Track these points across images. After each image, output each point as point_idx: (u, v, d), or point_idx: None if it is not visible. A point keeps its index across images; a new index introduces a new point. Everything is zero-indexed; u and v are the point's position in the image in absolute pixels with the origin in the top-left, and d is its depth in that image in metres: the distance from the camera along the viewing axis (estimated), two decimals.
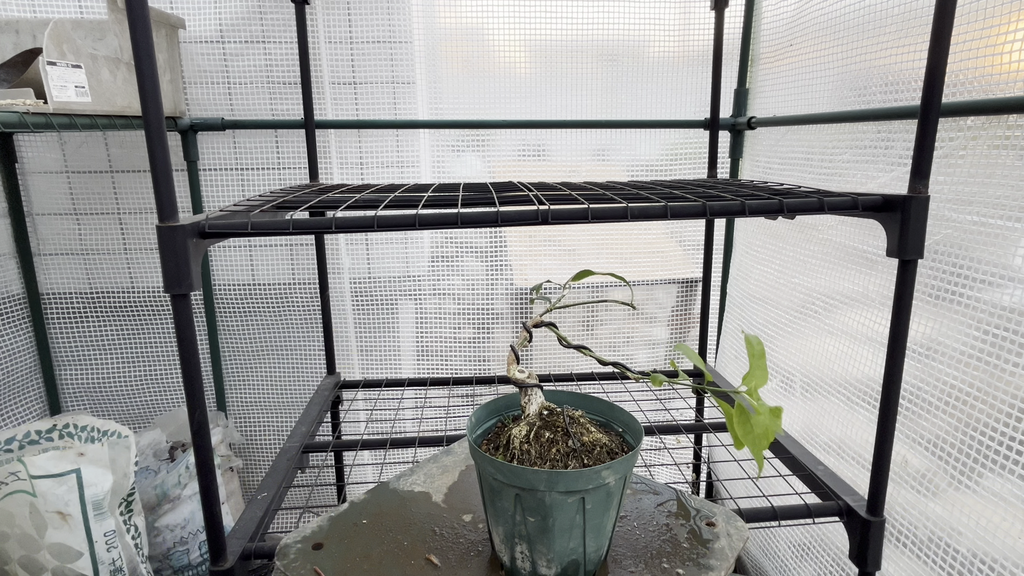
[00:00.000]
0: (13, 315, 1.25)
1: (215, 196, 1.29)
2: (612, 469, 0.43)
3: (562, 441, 0.47)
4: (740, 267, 1.33)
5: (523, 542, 0.45)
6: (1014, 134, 0.68)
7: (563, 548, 0.44)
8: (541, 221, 0.61)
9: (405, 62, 1.24)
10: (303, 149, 1.26)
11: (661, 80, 1.29)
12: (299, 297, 1.35)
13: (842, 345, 0.96)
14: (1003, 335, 0.68)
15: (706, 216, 0.64)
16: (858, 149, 0.93)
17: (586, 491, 0.43)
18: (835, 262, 0.98)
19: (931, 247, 0.77)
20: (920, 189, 0.62)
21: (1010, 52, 0.67)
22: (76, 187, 1.26)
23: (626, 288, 1.42)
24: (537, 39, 1.25)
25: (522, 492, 0.43)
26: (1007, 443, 0.68)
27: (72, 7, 1.16)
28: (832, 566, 0.98)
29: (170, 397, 1.39)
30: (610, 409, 0.53)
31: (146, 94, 0.56)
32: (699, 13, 1.25)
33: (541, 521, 0.43)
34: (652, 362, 1.47)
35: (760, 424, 0.39)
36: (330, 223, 0.61)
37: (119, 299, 1.32)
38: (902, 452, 0.82)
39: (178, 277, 0.58)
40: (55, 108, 0.83)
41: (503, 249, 1.36)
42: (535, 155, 1.33)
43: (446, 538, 0.53)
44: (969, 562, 0.73)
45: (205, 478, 0.64)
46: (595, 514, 0.44)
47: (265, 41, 1.22)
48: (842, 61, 0.96)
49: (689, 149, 1.34)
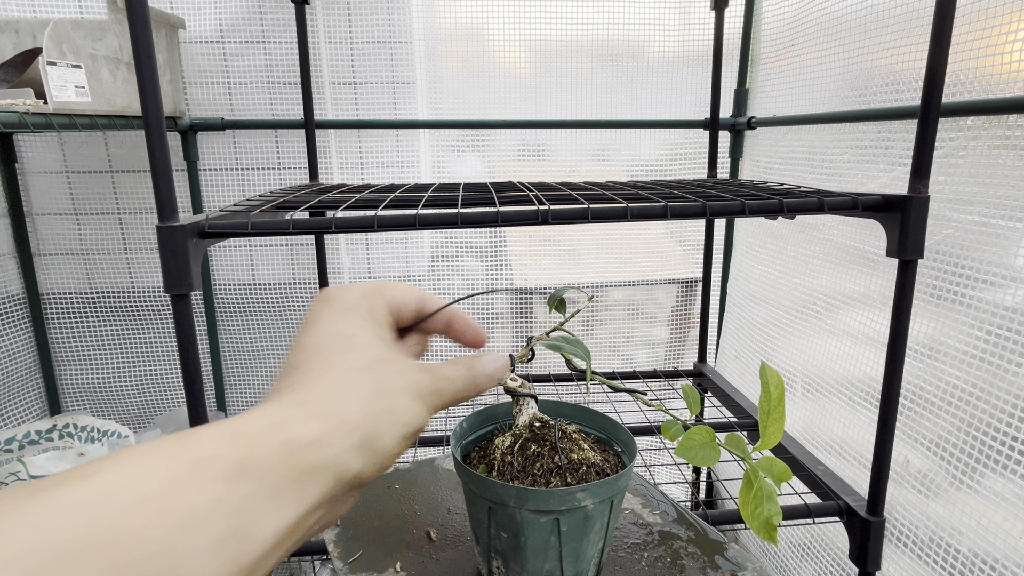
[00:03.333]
0: (13, 315, 1.25)
1: (215, 196, 1.28)
2: (589, 492, 0.40)
3: (549, 456, 0.44)
4: (740, 267, 1.33)
5: (498, 557, 0.44)
6: (1014, 134, 0.68)
7: (537, 569, 0.42)
8: (541, 221, 0.61)
9: (405, 62, 1.24)
10: (303, 149, 1.26)
11: (661, 80, 1.29)
12: (299, 297, 1.35)
13: (843, 345, 0.96)
14: (1004, 335, 0.68)
15: (706, 216, 0.64)
16: (858, 149, 0.93)
17: (560, 512, 0.40)
18: (835, 262, 0.98)
19: (932, 247, 0.77)
20: (920, 189, 0.62)
21: (1010, 52, 0.67)
22: (76, 187, 1.26)
23: (626, 288, 1.42)
24: (537, 39, 1.25)
25: (494, 506, 0.42)
26: (1008, 443, 0.67)
27: (72, 7, 1.16)
28: (832, 566, 0.98)
29: (170, 397, 1.39)
30: (612, 427, 0.50)
31: (146, 94, 0.56)
32: (699, 13, 1.25)
33: (513, 538, 0.42)
34: (652, 362, 1.47)
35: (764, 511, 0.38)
36: (330, 223, 0.61)
37: (119, 299, 1.32)
38: (903, 452, 0.82)
39: (178, 277, 0.57)
40: (55, 108, 0.83)
41: (503, 249, 1.36)
42: (535, 155, 1.32)
43: (453, 518, 0.55)
44: (970, 562, 0.73)
45: None
46: (572, 537, 0.42)
47: (265, 41, 1.22)
48: (843, 61, 0.96)
49: (689, 149, 1.34)
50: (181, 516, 0.20)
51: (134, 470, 0.20)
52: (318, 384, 0.28)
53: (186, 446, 0.22)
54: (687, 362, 1.48)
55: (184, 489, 0.21)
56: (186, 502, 0.20)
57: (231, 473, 0.22)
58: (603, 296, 1.42)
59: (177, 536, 0.20)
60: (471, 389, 0.34)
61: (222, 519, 0.21)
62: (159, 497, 0.20)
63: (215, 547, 0.21)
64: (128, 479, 0.20)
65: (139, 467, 0.21)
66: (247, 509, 0.22)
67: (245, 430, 0.24)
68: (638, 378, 1.31)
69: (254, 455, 0.23)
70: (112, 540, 0.18)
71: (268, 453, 0.23)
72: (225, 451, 0.23)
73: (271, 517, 0.23)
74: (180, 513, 0.20)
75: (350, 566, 0.49)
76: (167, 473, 0.21)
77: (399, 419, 0.29)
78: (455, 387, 0.33)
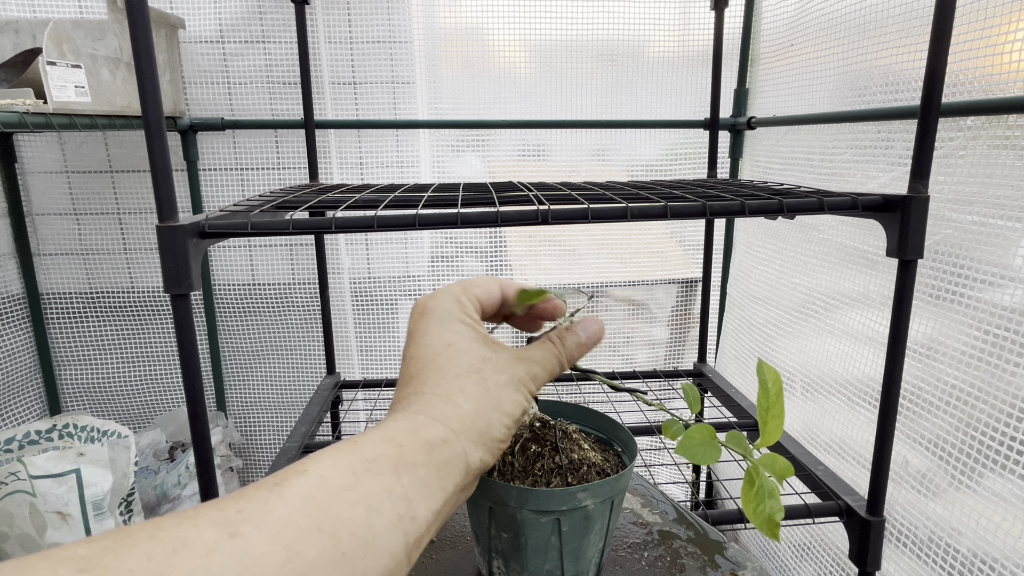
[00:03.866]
0: (13, 315, 1.25)
1: (215, 196, 1.29)
2: (590, 492, 0.40)
3: (549, 456, 0.44)
4: (740, 267, 1.33)
5: (499, 557, 0.44)
6: (1014, 134, 0.68)
7: (538, 569, 0.42)
8: (541, 221, 0.61)
9: (405, 62, 1.24)
10: (303, 149, 1.26)
11: (661, 80, 1.29)
12: (299, 297, 1.35)
13: (842, 345, 0.96)
14: (1003, 335, 0.68)
15: (706, 216, 0.64)
16: (858, 149, 0.93)
17: (561, 512, 0.40)
18: (835, 262, 0.98)
19: (931, 247, 0.77)
20: (920, 189, 0.62)
21: (1010, 52, 0.67)
22: (76, 187, 1.26)
23: (626, 288, 1.42)
24: (537, 39, 1.25)
25: (495, 506, 0.42)
26: (1007, 443, 0.68)
27: (72, 7, 1.16)
28: (832, 566, 0.98)
29: (170, 397, 1.39)
30: (612, 427, 0.50)
31: (146, 94, 0.56)
32: (699, 13, 1.25)
33: (514, 538, 0.42)
34: (652, 362, 1.47)
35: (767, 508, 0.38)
36: (330, 223, 0.61)
37: (119, 299, 1.32)
38: (902, 452, 0.82)
39: (178, 277, 0.58)
40: (55, 108, 0.83)
41: (503, 249, 1.36)
42: (535, 155, 1.33)
43: (452, 518, 0.55)
44: (969, 562, 0.73)
45: (205, 478, 0.64)
46: (572, 537, 0.42)
47: (265, 41, 1.22)
48: (842, 61, 0.96)
49: (689, 149, 1.34)
50: (368, 499, 0.26)
51: (331, 469, 0.27)
52: (434, 393, 0.34)
53: (359, 448, 0.29)
54: (687, 362, 1.48)
55: (367, 481, 0.27)
56: (370, 490, 0.27)
57: (393, 468, 0.28)
58: (603, 296, 1.42)
59: (371, 515, 0.26)
60: (560, 367, 0.39)
61: (395, 502, 0.27)
62: (352, 488, 0.26)
63: (394, 524, 0.27)
64: (330, 474, 0.27)
65: (333, 466, 0.27)
66: (409, 496, 0.28)
67: (395, 435, 0.30)
68: (638, 378, 1.31)
69: (405, 454, 0.29)
70: (333, 515, 0.25)
71: (415, 452, 0.30)
72: (384, 452, 0.29)
73: (425, 502, 0.29)
74: (367, 497, 0.26)
75: None
76: (353, 469, 0.27)
77: (505, 410, 0.35)
78: (548, 369, 0.38)
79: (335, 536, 0.24)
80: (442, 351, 0.36)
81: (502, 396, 0.35)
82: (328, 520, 0.25)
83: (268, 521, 0.23)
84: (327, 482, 0.26)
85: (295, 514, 0.24)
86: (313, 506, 0.25)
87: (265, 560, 0.22)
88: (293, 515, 0.24)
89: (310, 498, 0.25)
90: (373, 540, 0.26)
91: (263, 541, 0.23)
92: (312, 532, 0.24)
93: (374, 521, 0.26)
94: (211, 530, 0.22)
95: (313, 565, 0.23)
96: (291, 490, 0.25)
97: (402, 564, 0.27)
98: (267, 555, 0.22)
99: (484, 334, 0.38)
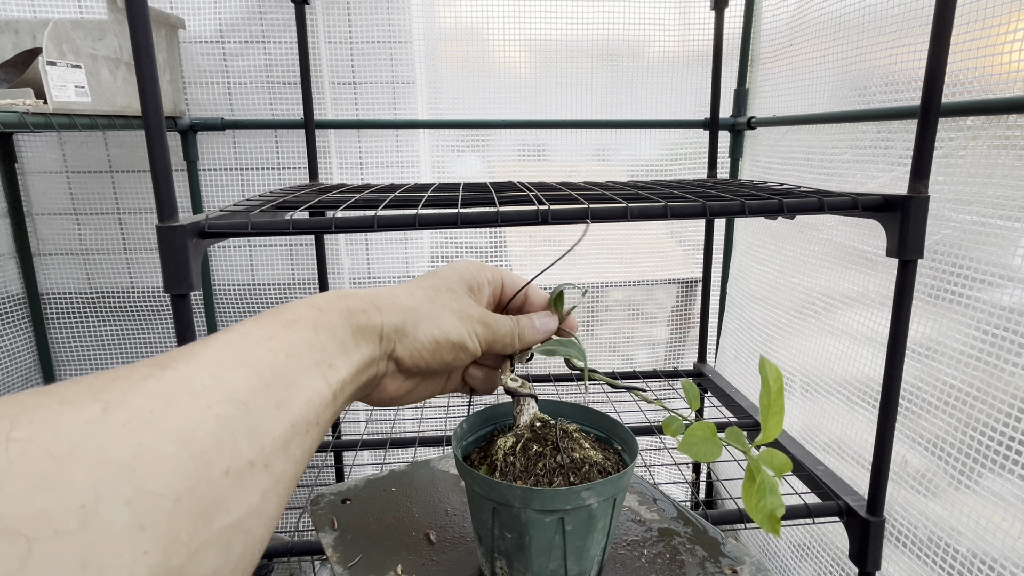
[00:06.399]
0: (13, 315, 1.25)
1: (215, 196, 1.29)
2: (594, 490, 0.40)
3: (550, 456, 0.44)
4: (740, 267, 1.33)
5: (502, 557, 0.44)
6: (1014, 134, 0.68)
7: (542, 568, 0.42)
8: (541, 221, 0.61)
9: (405, 62, 1.24)
10: (303, 149, 1.26)
11: (661, 80, 1.29)
12: (299, 297, 1.35)
13: (842, 345, 0.96)
14: (1003, 335, 0.68)
15: (706, 216, 0.64)
16: (858, 149, 0.93)
17: (565, 511, 0.40)
18: (835, 262, 0.98)
19: (931, 247, 0.77)
20: (920, 189, 0.62)
21: (1010, 52, 0.67)
22: (76, 187, 1.26)
23: (626, 288, 1.42)
24: (537, 39, 1.25)
25: (499, 507, 0.42)
26: (1007, 443, 0.68)
27: (72, 7, 1.16)
28: (832, 566, 0.98)
29: None
30: (612, 425, 0.50)
31: (146, 94, 0.56)
32: (699, 13, 1.25)
33: (518, 538, 0.42)
34: (652, 362, 1.47)
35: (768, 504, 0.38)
36: (330, 223, 0.61)
37: (119, 299, 1.32)
38: (902, 452, 0.82)
39: (178, 277, 0.58)
40: (55, 108, 0.83)
41: (503, 249, 1.36)
42: (535, 155, 1.33)
43: (452, 519, 0.55)
44: (969, 562, 0.73)
45: None
46: (576, 536, 0.42)
47: (265, 41, 1.22)
48: (842, 61, 0.96)
49: (689, 149, 1.34)
50: (288, 347, 0.30)
51: (253, 327, 0.30)
52: (388, 287, 0.38)
53: (283, 312, 0.32)
54: (687, 362, 1.48)
55: (286, 334, 0.30)
56: (288, 341, 0.30)
57: (312, 327, 0.32)
58: (603, 296, 1.42)
59: (290, 359, 0.29)
60: (514, 337, 0.42)
61: (313, 352, 0.31)
62: (271, 338, 0.30)
63: (312, 368, 0.30)
64: (252, 331, 0.30)
65: (255, 325, 0.30)
66: (325, 349, 0.32)
67: (319, 302, 0.34)
68: (638, 378, 1.31)
69: (325, 316, 0.33)
70: (256, 357, 0.28)
71: (334, 316, 0.33)
72: (305, 314, 0.32)
73: (343, 357, 0.32)
74: (287, 346, 0.30)
75: (350, 570, 0.48)
76: (274, 328, 0.31)
77: (441, 325, 0.37)
78: (502, 328, 0.41)
79: (258, 371, 0.27)
80: (425, 278, 0.40)
81: (443, 315, 0.38)
82: (251, 360, 0.28)
83: (196, 359, 0.26)
84: (249, 336, 0.29)
85: (220, 354, 0.27)
86: (236, 350, 0.28)
87: (193, 381, 0.25)
88: (218, 355, 0.27)
89: (233, 345, 0.28)
90: (293, 377, 0.29)
91: (191, 370, 0.25)
92: (235, 367, 0.27)
93: (293, 364, 0.29)
94: (144, 368, 0.25)
95: (238, 388, 0.26)
96: (216, 340, 0.28)
97: (326, 399, 0.30)
98: (194, 378, 0.25)
99: (475, 299, 0.42)
